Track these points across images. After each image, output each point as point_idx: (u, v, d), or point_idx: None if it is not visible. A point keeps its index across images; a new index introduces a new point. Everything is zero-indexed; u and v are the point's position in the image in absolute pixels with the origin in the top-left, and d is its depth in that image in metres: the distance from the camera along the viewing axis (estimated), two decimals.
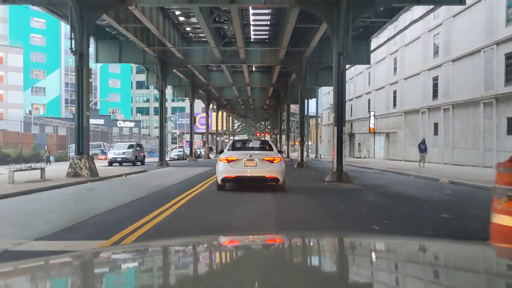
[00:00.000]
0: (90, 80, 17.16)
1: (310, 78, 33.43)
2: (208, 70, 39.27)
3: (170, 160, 46.91)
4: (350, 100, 53.75)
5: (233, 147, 13.16)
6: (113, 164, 30.33)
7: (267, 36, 28.75)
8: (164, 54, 28.37)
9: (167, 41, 24.62)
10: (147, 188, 13.50)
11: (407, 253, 1.64)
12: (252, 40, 29.10)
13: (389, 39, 31.65)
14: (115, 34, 28.41)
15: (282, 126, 54.71)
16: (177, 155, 47.48)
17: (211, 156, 62.90)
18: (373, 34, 27.47)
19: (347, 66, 45.59)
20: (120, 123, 79.18)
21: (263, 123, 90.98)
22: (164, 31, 23.46)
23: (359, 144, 48.90)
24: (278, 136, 62.79)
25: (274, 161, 11.54)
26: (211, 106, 70.20)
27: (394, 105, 40.49)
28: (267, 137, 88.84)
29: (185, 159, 46.63)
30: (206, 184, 14.99)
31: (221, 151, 13.20)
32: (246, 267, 1.35)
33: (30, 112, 71.14)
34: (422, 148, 25.50)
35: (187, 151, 57.52)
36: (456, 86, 29.47)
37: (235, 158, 11.53)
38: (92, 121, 72.97)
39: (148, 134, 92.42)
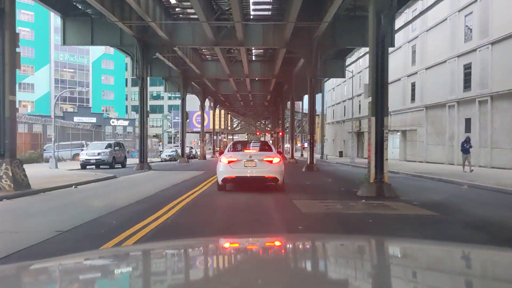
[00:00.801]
0: (18, 49, 11.64)
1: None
2: (201, 60, 33.78)
3: (162, 161, 41.45)
4: (359, 95, 48.25)
5: (233, 148, 12.91)
6: (87, 166, 24.84)
7: (270, 12, 23.24)
8: (145, 34, 22.85)
9: (145, 13, 19.11)
10: (81, 213, 8.01)
11: (411, 257, 1.59)
12: (251, 16, 23.59)
13: (414, 18, 26.12)
14: (90, 13, 22.89)
15: (285, 124, 49.17)
16: (169, 155, 41.92)
17: (208, 156, 57.37)
18: (399, 8, 21.91)
19: (356, 56, 40.15)
20: (113, 122, 73.71)
21: (263, 122, 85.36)
22: None
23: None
24: (280, 135, 57.44)
25: (274, 162, 11.39)
26: (208, 103, 64.75)
27: (413, 99, 34.96)
28: (268, 137, 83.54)
29: (178, 160, 41.28)
30: (182, 202, 9.50)
31: (222, 152, 13.15)
32: (247, 268, 1.30)
33: (17, 109, 65.75)
34: (467, 148, 19.89)
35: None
36: (497, 74, 23.94)
37: (235, 159, 11.40)
38: (83, 119, 67.96)
39: None
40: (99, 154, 24.77)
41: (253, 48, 30.89)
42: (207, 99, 56.17)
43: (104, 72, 77.28)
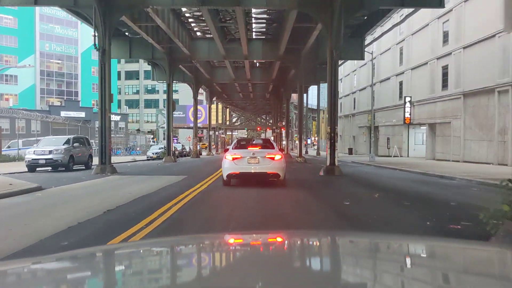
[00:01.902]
0: None
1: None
2: (190, 38, 27.28)
3: (147, 159, 35.08)
4: (373, 84, 41.80)
5: (238, 146, 12.94)
6: (37, 169, 18.47)
7: None
8: None
9: None
10: None
11: (410, 253, 1.54)
12: None
13: None
14: None
15: (290, 117, 42.62)
16: (156, 153, 35.45)
17: (204, 153, 50.92)
18: None
19: (371, 38, 33.65)
20: None
21: (264, 117, 78.77)
22: None
23: (388, 139, 36.82)
24: (284, 130, 51.27)
25: (275, 159, 11.49)
26: (205, 95, 58.25)
27: (445, 85, 28.43)
28: (269, 133, 77.36)
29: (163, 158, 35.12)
30: None
31: (227, 150, 13.00)
32: (250, 264, 1.26)
33: None
34: None
35: (177, 147, 45.80)
36: None
37: (239, 156, 11.54)
38: (71, 113, 61.49)
39: (138, 129, 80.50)
40: (50, 152, 18.34)
41: (252, 20, 24.39)
42: (202, 90, 49.85)
43: (95, 64, 70.37)
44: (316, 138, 72.36)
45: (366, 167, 24.25)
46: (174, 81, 40.20)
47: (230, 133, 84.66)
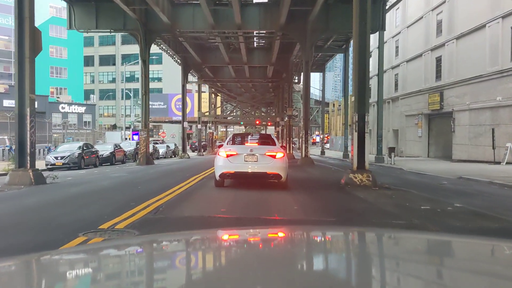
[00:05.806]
0: None
1: None
2: None
3: (47, 168, 17.65)
4: (435, 48, 24.48)
5: (233, 141, 10.83)
6: None
7: None
8: None
9: None
10: None
11: (413, 249, 1.42)
12: None
13: None
14: None
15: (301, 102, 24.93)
16: (62, 157, 18.04)
17: (175, 159, 33.19)
18: None
19: None
20: (63, 108, 49.86)
21: (264, 110, 61.06)
22: None
23: (493, 131, 19.05)
24: (299, 120, 33.94)
25: (277, 157, 9.52)
26: (182, 75, 40.60)
27: None
28: (270, 129, 60.47)
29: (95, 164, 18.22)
30: None
31: (221, 145, 10.84)
32: (246, 261, 1.18)
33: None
34: None
35: (139, 146, 28.48)
36: None
37: (234, 153, 9.72)
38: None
39: (114, 125, 63.01)
40: None
41: None
42: (191, 77, 32.88)
43: (53, 42, 53.09)
44: (321, 136, 54.27)
45: None
46: (108, 30, 22.82)
47: (224, 129, 67.36)
